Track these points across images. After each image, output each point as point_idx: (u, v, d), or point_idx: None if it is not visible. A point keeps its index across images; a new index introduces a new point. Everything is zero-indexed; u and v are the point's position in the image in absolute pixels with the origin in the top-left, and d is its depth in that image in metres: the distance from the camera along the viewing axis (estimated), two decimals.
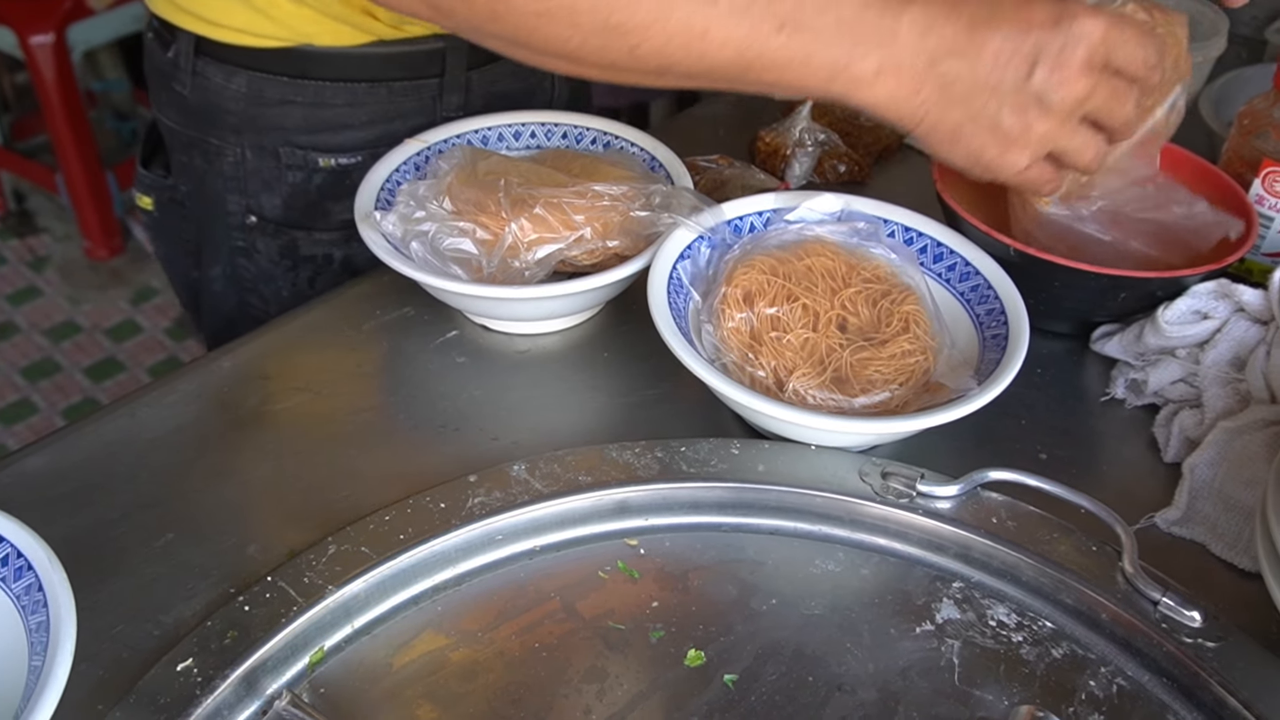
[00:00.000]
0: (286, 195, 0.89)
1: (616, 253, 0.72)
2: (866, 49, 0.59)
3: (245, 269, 0.93)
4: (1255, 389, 0.65)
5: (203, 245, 0.94)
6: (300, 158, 0.87)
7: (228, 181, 0.90)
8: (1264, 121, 0.75)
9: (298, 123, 0.87)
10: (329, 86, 0.85)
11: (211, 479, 0.66)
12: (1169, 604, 0.55)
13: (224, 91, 0.86)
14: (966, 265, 0.71)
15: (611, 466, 0.63)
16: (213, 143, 0.88)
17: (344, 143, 0.88)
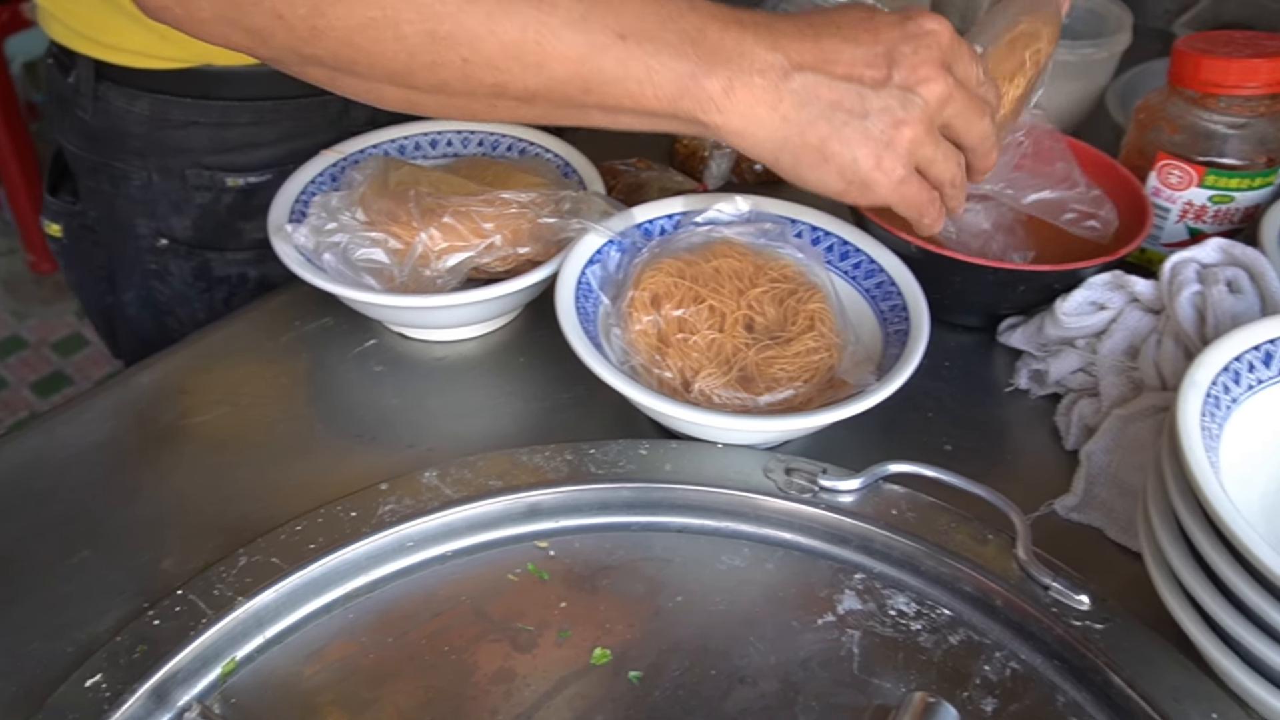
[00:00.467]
0: (196, 217, 0.89)
1: (529, 258, 0.73)
2: (714, 64, 0.56)
3: (159, 292, 0.93)
4: (1148, 377, 0.67)
5: (115, 270, 0.94)
6: (208, 178, 0.87)
7: (136, 205, 0.89)
8: (1158, 116, 0.77)
9: (203, 144, 0.86)
10: (234, 106, 0.85)
11: (128, 495, 0.66)
12: (1059, 589, 0.57)
13: (127, 115, 0.85)
14: (872, 263, 0.73)
15: (522, 470, 0.64)
16: (118, 167, 0.88)
17: (251, 162, 0.88)
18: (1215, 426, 0.54)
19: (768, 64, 0.56)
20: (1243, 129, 0.74)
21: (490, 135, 0.84)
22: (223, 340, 0.78)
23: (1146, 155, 0.77)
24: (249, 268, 0.92)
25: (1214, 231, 0.77)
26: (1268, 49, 0.72)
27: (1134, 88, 0.97)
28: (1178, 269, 0.68)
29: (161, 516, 0.65)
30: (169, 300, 0.93)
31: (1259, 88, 0.72)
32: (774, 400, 0.66)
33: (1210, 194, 0.75)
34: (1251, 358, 0.56)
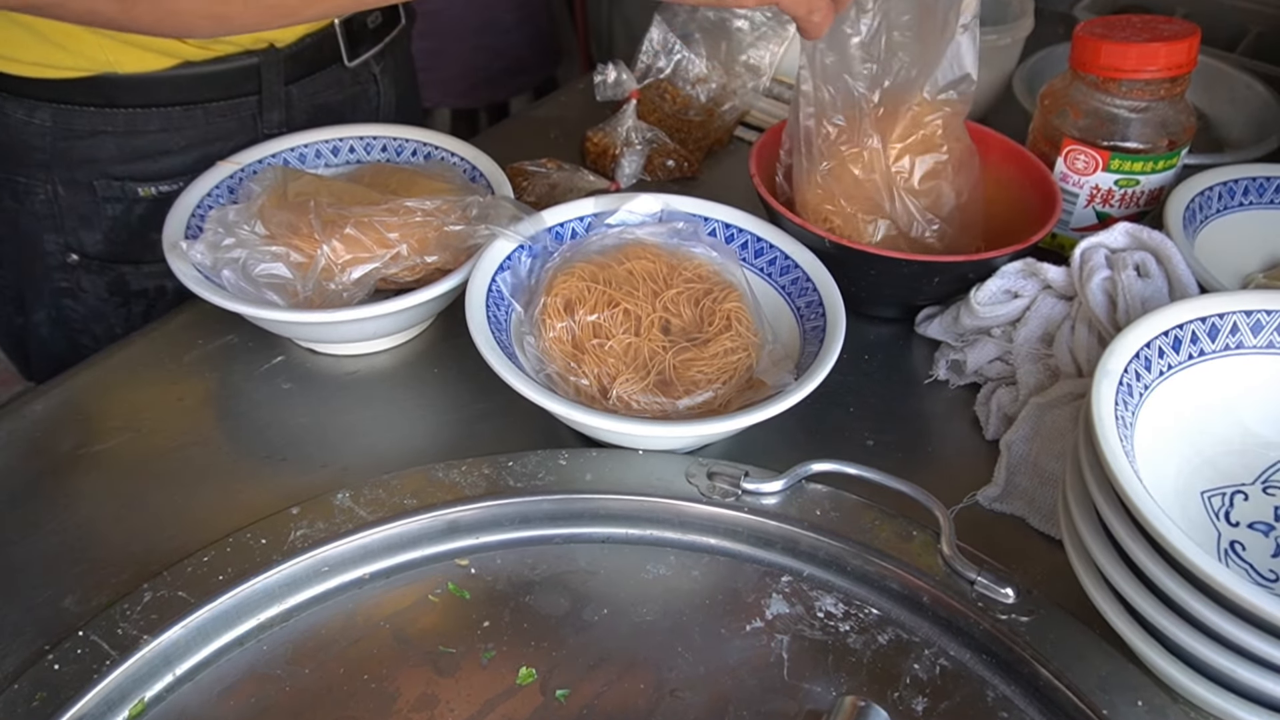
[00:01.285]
0: (107, 229, 0.86)
1: (437, 267, 0.71)
2: None
3: (72, 310, 0.89)
4: (1063, 364, 0.67)
5: (23, 289, 0.90)
6: (118, 189, 0.84)
7: (41, 220, 0.86)
8: (1063, 101, 0.77)
9: (111, 154, 0.83)
10: (140, 114, 0.82)
11: (24, 530, 0.63)
12: (984, 583, 0.57)
13: (27, 127, 0.82)
14: (786, 259, 0.72)
15: (438, 487, 0.62)
16: (20, 181, 0.84)
17: (163, 170, 0.85)
18: (1129, 415, 0.54)
19: None
20: (1144, 113, 0.74)
21: (394, 141, 0.82)
22: (123, 362, 0.75)
23: (1052, 140, 0.78)
24: (166, 279, 0.89)
25: (1121, 215, 0.78)
26: (1164, 33, 0.73)
27: (1040, 72, 0.98)
28: (1087, 255, 0.69)
29: (61, 552, 0.62)
30: (83, 318, 0.89)
31: (1157, 71, 0.72)
32: (693, 403, 0.65)
33: (1116, 178, 0.76)
34: (1161, 343, 0.57)
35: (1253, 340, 0.58)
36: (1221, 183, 0.76)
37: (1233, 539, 0.54)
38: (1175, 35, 0.72)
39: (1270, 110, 0.92)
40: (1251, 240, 0.76)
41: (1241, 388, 0.58)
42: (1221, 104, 0.95)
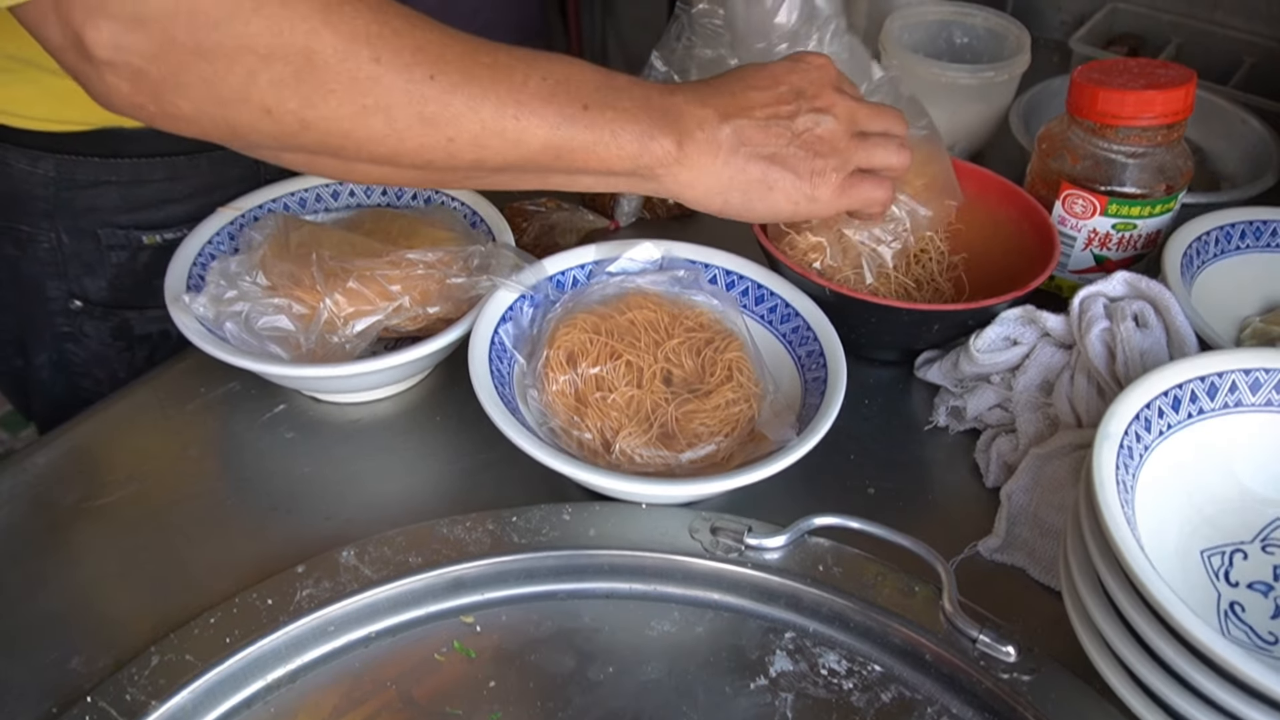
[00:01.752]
0: (112, 277, 0.86)
1: (439, 317, 0.71)
2: (664, 125, 0.62)
3: (74, 354, 0.89)
4: (1062, 413, 0.68)
5: (24, 334, 0.90)
6: (122, 237, 0.84)
7: (45, 268, 0.85)
8: (1060, 145, 0.77)
9: (115, 203, 0.83)
10: (145, 163, 0.82)
11: (30, 588, 0.63)
12: (986, 640, 0.57)
13: (30, 177, 0.81)
14: (787, 307, 0.72)
15: (442, 544, 0.63)
16: (24, 230, 0.84)
17: (168, 218, 0.85)
18: (1130, 478, 0.54)
19: (703, 119, 0.63)
20: (1142, 158, 0.75)
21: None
22: (124, 411, 0.75)
23: (1050, 183, 0.78)
24: (170, 324, 0.87)
25: (1119, 258, 0.78)
26: (1161, 79, 0.73)
27: (1035, 106, 0.98)
28: (1086, 304, 0.69)
29: (67, 610, 0.62)
30: (85, 362, 0.89)
31: (1154, 119, 0.72)
32: (696, 457, 0.66)
33: (1114, 222, 0.76)
34: (1161, 403, 0.57)
35: (1251, 398, 0.59)
36: (1218, 227, 0.77)
37: (1233, 600, 0.55)
38: (1171, 82, 0.73)
39: (1265, 146, 0.93)
40: (1249, 284, 0.76)
41: (1240, 445, 0.59)
42: (1217, 138, 0.95)
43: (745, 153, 0.64)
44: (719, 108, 0.64)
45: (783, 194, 0.66)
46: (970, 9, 1.01)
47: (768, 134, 0.65)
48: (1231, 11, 1.10)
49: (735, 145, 0.64)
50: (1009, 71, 0.93)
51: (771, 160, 0.65)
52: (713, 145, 0.63)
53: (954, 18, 1.01)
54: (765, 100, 0.65)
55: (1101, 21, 1.12)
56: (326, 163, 0.59)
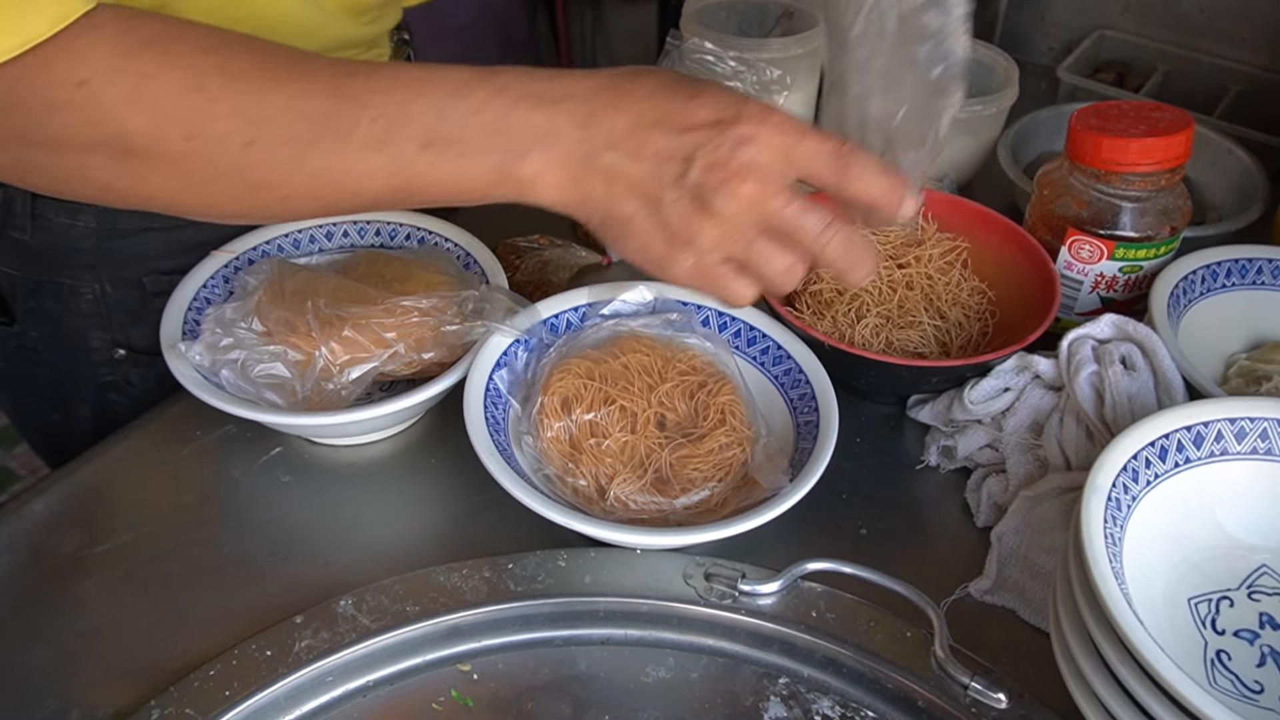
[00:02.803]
0: (157, 323, 0.82)
1: (434, 361, 0.72)
2: (521, 149, 0.56)
3: (117, 403, 0.88)
4: (1052, 456, 0.68)
5: (64, 387, 0.89)
6: (167, 283, 0.80)
7: (88, 320, 0.85)
8: (1062, 190, 0.78)
9: (158, 249, 0.83)
10: None
11: (28, 639, 0.64)
12: (978, 688, 0.58)
13: (70, 230, 0.80)
14: (779, 349, 0.73)
15: (439, 592, 0.63)
16: (66, 283, 0.83)
17: None
18: (1118, 529, 0.55)
19: (575, 143, 0.56)
20: (1145, 202, 0.75)
21: (388, 225, 0.83)
22: (122, 455, 0.75)
23: (1052, 227, 0.79)
24: None
25: (1125, 298, 0.79)
26: (1160, 124, 0.74)
27: (1023, 138, 0.99)
28: (1075, 347, 0.70)
29: (65, 661, 0.63)
30: (127, 410, 0.87)
31: (1157, 164, 0.73)
32: (690, 503, 0.66)
33: (1121, 265, 0.77)
34: (1148, 454, 0.58)
35: (1237, 447, 0.59)
36: (1205, 265, 0.77)
37: (1219, 648, 0.56)
38: (1171, 128, 0.73)
39: (1251, 177, 0.94)
40: (1235, 321, 0.77)
41: (1226, 493, 0.59)
42: (1204, 167, 0.96)
43: (615, 191, 0.56)
44: (608, 134, 0.56)
45: (635, 244, 0.58)
46: None
47: (643, 183, 0.56)
48: (1217, 39, 1.11)
49: (607, 180, 0.56)
50: (997, 105, 0.94)
51: (635, 212, 0.57)
52: (580, 172, 0.56)
53: None
54: (661, 145, 0.55)
55: (1089, 49, 1.13)
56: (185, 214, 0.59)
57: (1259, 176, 0.93)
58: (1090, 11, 1.17)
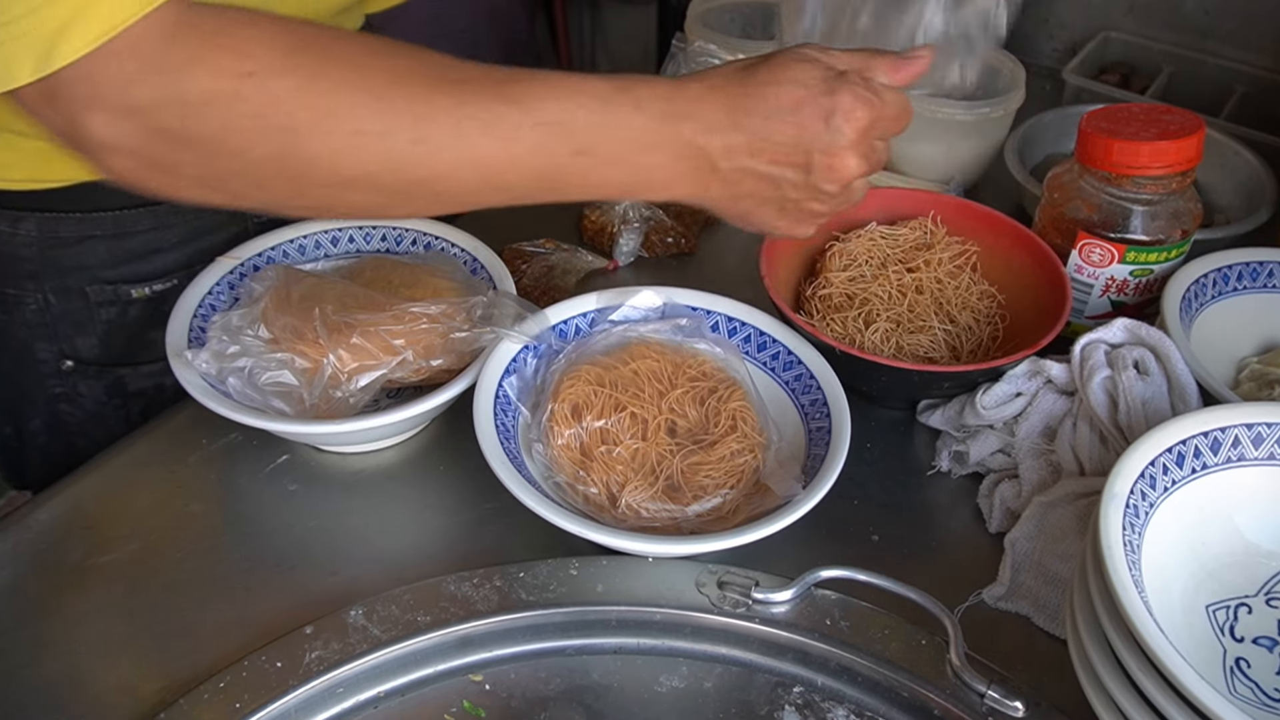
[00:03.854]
0: (103, 334, 0.84)
1: (443, 368, 0.71)
2: (657, 161, 0.61)
3: (69, 415, 0.87)
4: (1065, 461, 0.68)
5: (15, 399, 0.88)
6: (111, 293, 0.82)
7: (33, 330, 0.84)
8: (1072, 193, 0.78)
9: (101, 258, 0.82)
10: (129, 214, 0.80)
11: (35, 652, 0.63)
12: (995, 696, 0.58)
13: (12, 239, 0.79)
14: (790, 354, 0.73)
15: (450, 601, 0.63)
16: (9, 293, 0.82)
17: (156, 269, 0.83)
18: (1136, 537, 0.55)
19: (701, 154, 0.61)
20: (1156, 205, 0.75)
21: (394, 230, 0.82)
22: (126, 464, 0.75)
23: (1063, 230, 0.78)
24: (165, 377, 0.85)
25: (1135, 302, 0.79)
26: (1170, 128, 0.73)
27: (1030, 140, 0.99)
28: (1087, 352, 0.70)
29: (73, 674, 0.62)
30: (81, 422, 0.88)
31: (1168, 167, 0.73)
32: (702, 510, 0.66)
33: (1131, 269, 0.77)
34: (1165, 460, 0.58)
35: (1254, 453, 0.59)
36: (1216, 269, 0.77)
37: (1238, 655, 0.55)
38: (1182, 131, 0.73)
39: (1259, 179, 0.93)
40: (1246, 324, 0.77)
41: (1243, 499, 0.59)
42: (1211, 169, 0.96)
43: (736, 191, 0.64)
44: (729, 145, 0.62)
45: (757, 225, 0.67)
46: None
47: (761, 187, 0.64)
48: (1223, 41, 1.11)
49: (728, 184, 0.63)
50: (1004, 107, 0.94)
51: (755, 208, 0.65)
52: (706, 179, 0.63)
53: None
54: (776, 151, 0.62)
55: (1094, 51, 1.12)
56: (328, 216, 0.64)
57: (1266, 178, 0.93)
58: (1095, 13, 1.17)
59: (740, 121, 0.61)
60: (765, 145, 0.62)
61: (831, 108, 0.61)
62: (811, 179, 0.63)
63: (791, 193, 0.64)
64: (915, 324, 0.77)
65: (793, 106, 0.61)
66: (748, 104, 0.62)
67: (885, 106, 0.63)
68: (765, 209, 0.65)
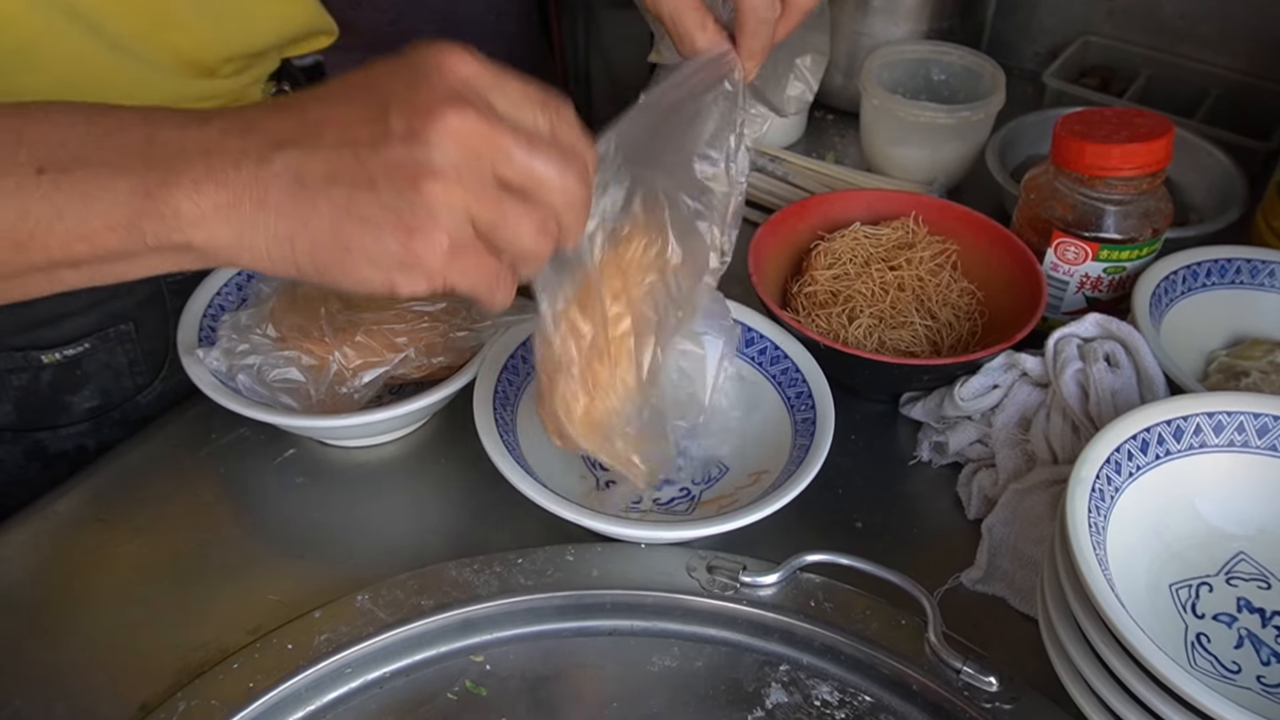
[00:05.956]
0: (17, 400, 0.81)
1: (444, 365, 0.74)
2: (173, 170, 0.45)
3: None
4: (1039, 449, 0.71)
5: None
6: (20, 359, 0.78)
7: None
8: (1048, 194, 0.81)
9: (7, 325, 0.78)
10: None
11: (55, 637, 0.66)
12: (969, 672, 0.61)
13: None
14: (776, 349, 0.76)
15: (452, 586, 0.66)
16: None
17: (65, 334, 0.80)
18: (1102, 519, 0.58)
19: (241, 152, 0.45)
20: (1128, 205, 0.78)
21: None
22: (138, 459, 0.78)
23: (1039, 230, 0.81)
24: (86, 438, 0.85)
25: (1109, 298, 0.82)
26: (1141, 130, 0.76)
27: (1010, 142, 1.02)
28: (1060, 346, 0.73)
29: (91, 658, 0.65)
30: (3, 484, 0.84)
31: (1139, 169, 0.76)
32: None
33: (1105, 266, 0.80)
34: (1130, 446, 0.61)
35: (1214, 439, 0.62)
36: (1186, 266, 0.80)
37: (1199, 631, 0.58)
38: (1152, 133, 0.76)
39: (1230, 179, 0.96)
40: (1215, 319, 0.80)
41: (1204, 484, 0.62)
42: (1184, 170, 0.99)
43: (306, 197, 0.45)
44: (270, 132, 0.46)
45: (365, 260, 0.46)
46: (947, 47, 1.05)
47: (337, 170, 0.45)
48: (1198, 45, 1.14)
49: (290, 185, 0.45)
50: (985, 110, 0.97)
51: (343, 211, 0.45)
52: (255, 188, 0.45)
53: (931, 56, 1.05)
54: (343, 117, 0.46)
55: (1074, 55, 1.15)
56: None
57: (1238, 178, 0.96)
58: (1075, 18, 1.20)
59: (290, 105, 0.47)
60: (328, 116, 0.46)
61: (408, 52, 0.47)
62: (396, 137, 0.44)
63: (377, 161, 0.44)
64: (897, 320, 0.80)
65: (360, 72, 0.47)
66: (306, 91, 0.48)
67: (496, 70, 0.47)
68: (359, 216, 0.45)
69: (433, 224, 0.45)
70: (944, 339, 0.80)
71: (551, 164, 0.47)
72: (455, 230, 0.46)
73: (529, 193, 0.47)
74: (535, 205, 0.48)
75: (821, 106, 1.17)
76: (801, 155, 1.07)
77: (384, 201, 0.45)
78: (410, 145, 0.44)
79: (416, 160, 0.44)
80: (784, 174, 1.03)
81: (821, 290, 0.82)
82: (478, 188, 0.46)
